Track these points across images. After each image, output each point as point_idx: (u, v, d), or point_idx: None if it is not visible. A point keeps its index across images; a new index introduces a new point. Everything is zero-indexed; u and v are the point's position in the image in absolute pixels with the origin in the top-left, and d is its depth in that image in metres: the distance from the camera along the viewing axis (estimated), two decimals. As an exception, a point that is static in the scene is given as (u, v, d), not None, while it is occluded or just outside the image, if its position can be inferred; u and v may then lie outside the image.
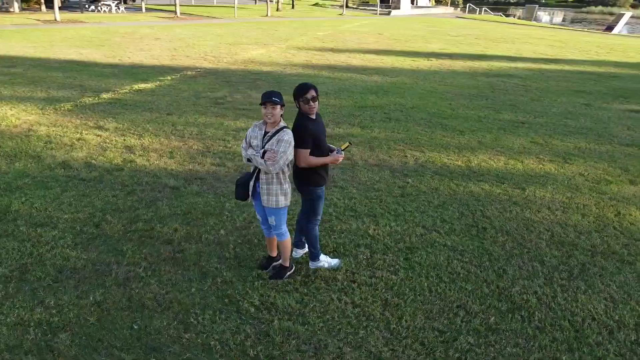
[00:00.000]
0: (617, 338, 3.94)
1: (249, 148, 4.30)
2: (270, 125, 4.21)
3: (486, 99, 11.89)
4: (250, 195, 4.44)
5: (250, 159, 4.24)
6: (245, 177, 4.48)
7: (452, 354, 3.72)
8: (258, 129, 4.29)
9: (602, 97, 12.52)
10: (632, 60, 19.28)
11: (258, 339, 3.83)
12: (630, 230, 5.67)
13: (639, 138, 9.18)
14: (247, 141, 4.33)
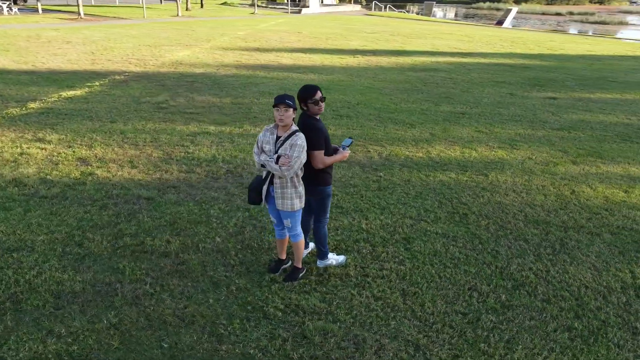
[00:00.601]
0: (611, 301, 4.42)
1: (262, 153, 4.26)
2: (282, 129, 4.20)
3: (421, 92, 12.48)
4: (264, 199, 4.40)
5: (264, 165, 4.20)
6: (257, 181, 4.43)
7: (481, 333, 3.96)
8: (269, 134, 4.26)
9: (522, 86, 13.63)
10: (534, 51, 21.12)
11: (296, 342, 3.82)
12: (588, 205, 6.31)
13: (565, 122, 10.15)
14: (258, 146, 4.28)
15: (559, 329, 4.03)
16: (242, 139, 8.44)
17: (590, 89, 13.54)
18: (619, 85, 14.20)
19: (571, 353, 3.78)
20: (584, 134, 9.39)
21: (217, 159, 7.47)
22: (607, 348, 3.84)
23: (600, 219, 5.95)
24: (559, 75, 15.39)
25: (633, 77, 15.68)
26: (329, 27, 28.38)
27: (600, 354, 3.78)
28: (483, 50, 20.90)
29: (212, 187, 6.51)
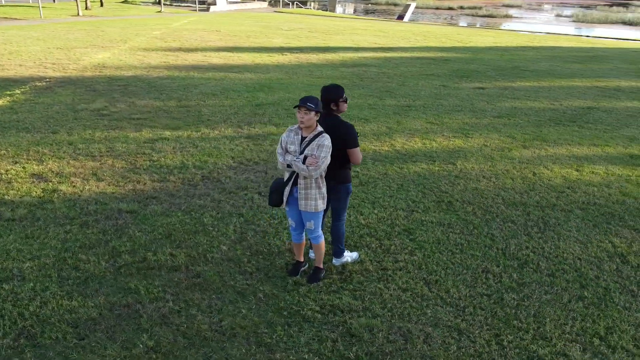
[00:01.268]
0: (605, 270, 4.91)
1: (286, 154, 4.22)
2: (307, 130, 4.19)
3: (362, 87, 12.80)
4: (285, 201, 4.37)
5: (290, 165, 4.17)
6: (279, 183, 4.38)
7: (509, 311, 4.24)
8: (294, 134, 4.23)
9: (450, 78, 14.43)
10: (448, 45, 22.37)
11: (346, 341, 3.85)
12: (551, 185, 6.90)
13: (501, 110, 10.93)
14: (282, 147, 4.24)
15: (572, 299, 4.42)
16: (205, 142, 8.17)
17: (510, 78, 14.66)
18: (532, 74, 15.51)
19: (591, 319, 4.16)
20: (521, 120, 10.18)
21: (187, 166, 7.18)
22: (618, 311, 4.28)
23: (566, 196, 6.54)
24: (478, 67, 16.48)
25: (540, 66, 17.18)
26: (245, 25, 27.97)
27: (614, 317, 4.20)
28: (401, 44, 21.76)
29: (194, 195, 6.27)
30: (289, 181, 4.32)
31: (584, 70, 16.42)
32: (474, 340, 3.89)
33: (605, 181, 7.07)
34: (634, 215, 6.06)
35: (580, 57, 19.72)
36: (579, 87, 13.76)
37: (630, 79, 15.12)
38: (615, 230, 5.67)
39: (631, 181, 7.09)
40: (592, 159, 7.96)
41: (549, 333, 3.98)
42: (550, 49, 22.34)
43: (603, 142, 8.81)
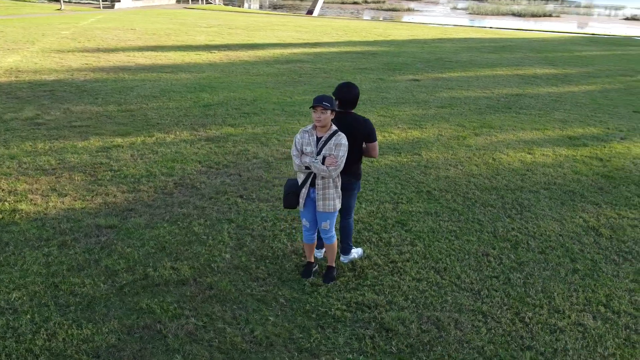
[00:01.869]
0: (585, 243, 5.36)
1: (302, 155, 4.17)
2: (322, 130, 4.17)
3: (304, 84, 12.81)
4: (302, 203, 4.32)
5: (309, 166, 4.12)
6: (294, 184, 4.32)
7: (520, 290, 4.50)
8: (309, 135, 4.20)
9: (384, 71, 14.85)
10: (370, 39, 22.95)
11: (383, 336, 3.89)
12: (513, 168, 7.38)
13: (442, 100, 11.46)
14: (298, 148, 4.19)
15: (569, 273, 4.79)
16: (164, 148, 7.79)
17: (439, 70, 15.38)
18: (456, 65, 16.38)
19: (590, 290, 4.54)
20: (462, 109, 10.75)
21: (154, 173, 6.81)
22: (610, 280, 4.70)
23: (529, 178, 7.03)
24: (406, 59, 17.10)
25: (461, 57, 18.18)
26: (160, 23, 26.78)
27: (609, 285, 4.62)
28: (325, 40, 22.00)
29: (173, 204, 5.98)
30: (305, 182, 4.27)
31: (500, 60, 17.62)
32: (498, 320, 4.10)
33: (557, 162, 7.69)
34: (591, 191, 6.66)
35: (492, 47, 21.12)
36: (502, 75, 14.75)
37: (543, 67, 16.47)
38: (581, 207, 6.20)
39: (578, 160, 7.77)
40: (538, 142, 8.61)
41: (560, 306, 4.29)
42: (464, 40, 23.69)
43: (542, 127, 9.55)
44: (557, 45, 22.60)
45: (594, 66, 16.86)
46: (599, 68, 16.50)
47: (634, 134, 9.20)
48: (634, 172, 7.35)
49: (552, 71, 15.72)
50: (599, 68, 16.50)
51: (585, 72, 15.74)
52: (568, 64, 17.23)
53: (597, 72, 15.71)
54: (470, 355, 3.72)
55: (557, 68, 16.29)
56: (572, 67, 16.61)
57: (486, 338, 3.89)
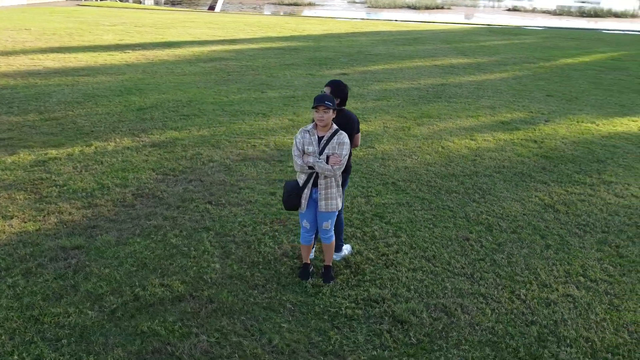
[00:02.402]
0: (547, 219, 5.79)
1: (304, 155, 4.12)
2: (323, 129, 4.15)
3: (235, 82, 12.52)
4: (304, 204, 4.26)
5: (312, 166, 4.08)
6: (295, 186, 4.26)
7: (507, 269, 4.78)
8: (309, 135, 4.15)
9: (310, 67, 14.90)
10: (286, 34, 22.88)
11: (399, 328, 3.95)
12: (462, 155, 7.77)
13: (376, 93, 11.75)
14: (299, 148, 4.13)
15: (543, 249, 5.16)
16: (108, 157, 7.26)
17: (363, 63, 15.73)
18: (378, 58, 16.85)
19: (566, 262, 4.93)
20: (397, 100, 11.11)
21: (107, 185, 6.33)
22: (579, 251, 5.14)
23: (479, 163, 7.45)
24: (328, 54, 17.28)
25: (379, 50, 18.71)
26: (56, 22, 24.71)
27: (580, 256, 5.04)
28: (241, 36, 21.59)
29: (139, 216, 5.61)
30: (307, 183, 4.21)
31: (417, 52, 18.38)
32: (498, 300, 4.32)
33: (499, 146, 8.22)
34: (537, 171, 7.21)
35: (405, 39, 21.97)
36: (423, 66, 15.42)
37: (456, 57, 17.43)
38: (533, 186, 6.69)
39: (517, 144, 8.36)
40: (476, 129, 9.14)
41: (546, 280, 4.62)
42: (376, 33, 24.40)
43: (474, 114, 10.14)
44: (462, 36, 24.02)
45: (500, 55, 18.15)
46: (505, 57, 17.80)
47: (555, 116, 10.06)
48: (566, 151, 8.06)
49: (466, 61, 16.70)
50: (505, 57, 17.80)
51: (494, 60, 16.90)
52: (477, 53, 18.39)
53: (505, 60, 16.93)
54: (484, 337, 3.89)
55: (469, 58, 17.34)
56: (481, 56, 17.75)
57: (493, 318, 4.10)
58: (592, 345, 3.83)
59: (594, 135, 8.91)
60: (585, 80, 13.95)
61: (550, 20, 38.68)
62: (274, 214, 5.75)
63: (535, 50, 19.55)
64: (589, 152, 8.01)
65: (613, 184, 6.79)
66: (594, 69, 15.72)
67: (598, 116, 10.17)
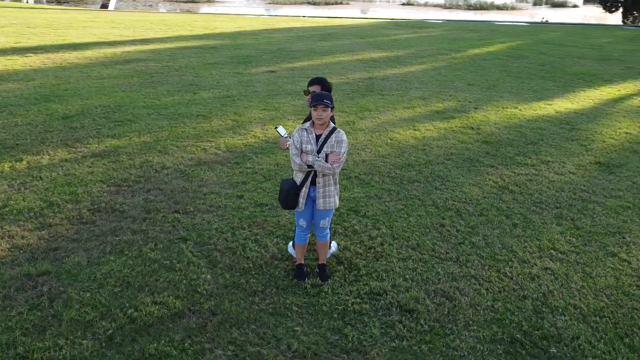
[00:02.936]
0: (507, 201, 6.20)
1: (302, 154, 4.09)
2: (321, 128, 4.14)
3: (162, 83, 11.94)
4: (302, 203, 4.23)
5: (311, 165, 4.05)
6: (293, 185, 4.21)
7: (487, 250, 5.06)
8: (307, 133, 4.12)
9: (236, 65, 14.59)
10: (199, 32, 22.14)
11: (409, 318, 4.05)
12: (412, 145, 8.06)
13: (309, 89, 11.78)
14: (297, 147, 4.08)
15: (512, 228, 5.53)
16: (47, 172, 6.64)
17: (287, 60, 15.69)
18: (300, 54, 16.89)
19: (535, 238, 5.32)
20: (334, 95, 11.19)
21: (55, 203, 5.81)
22: (542, 227, 5.56)
23: (430, 152, 7.77)
24: (249, 52, 17.03)
25: (299, 46, 18.76)
26: None
27: (544, 231, 5.46)
28: (151, 35, 20.59)
29: (104, 233, 5.22)
30: (305, 181, 4.17)
31: (335, 47, 18.68)
32: (489, 280, 4.57)
33: (441, 135, 8.63)
34: (482, 156, 7.67)
35: (319, 35, 22.22)
36: (346, 61, 15.71)
37: (374, 51, 17.95)
38: (484, 170, 7.12)
39: (457, 131, 8.83)
40: (416, 119, 9.52)
41: (524, 257, 4.96)
42: (289, 30, 24.44)
43: (409, 105, 10.54)
44: (373, 30, 24.79)
45: (414, 48, 18.98)
46: (419, 49, 18.65)
47: (482, 104, 10.75)
48: (502, 135, 8.66)
49: (384, 54, 17.27)
50: (419, 49, 18.65)
51: (410, 53, 17.65)
52: (392, 47, 19.08)
53: (420, 53, 17.75)
54: (488, 315, 4.11)
55: (387, 51, 17.95)
56: (397, 49, 18.45)
57: (490, 297, 4.33)
58: (580, 311, 4.19)
59: (520, 120, 9.65)
60: (496, 69, 15.04)
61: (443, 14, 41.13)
62: (248, 217, 5.61)
63: (443, 42, 20.69)
64: (521, 136, 8.67)
65: (551, 163, 7.42)
66: (500, 58, 16.98)
67: (518, 102, 11.03)
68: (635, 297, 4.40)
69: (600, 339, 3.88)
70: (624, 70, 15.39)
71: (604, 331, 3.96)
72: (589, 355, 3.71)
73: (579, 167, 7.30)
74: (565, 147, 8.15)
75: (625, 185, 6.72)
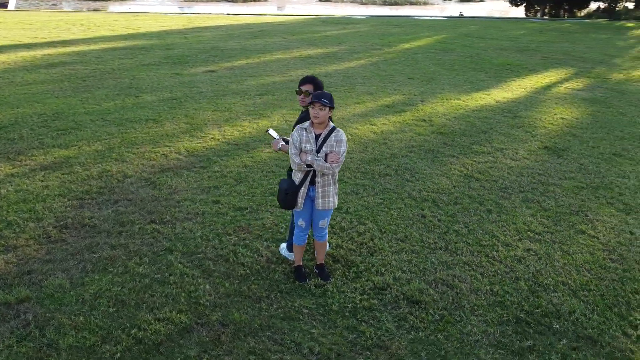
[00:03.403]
0: (474, 187, 6.48)
1: (301, 153, 4.05)
2: (320, 127, 4.11)
3: (98, 88, 11.25)
4: (302, 203, 4.19)
5: (310, 165, 4.03)
6: (291, 184, 4.18)
7: (471, 236, 5.27)
8: (306, 132, 4.07)
9: (172, 65, 14.04)
10: (123, 32, 21.01)
11: (417, 308, 4.14)
12: (374, 140, 8.19)
13: (256, 88, 11.61)
14: (296, 146, 4.03)
15: (487, 214, 5.79)
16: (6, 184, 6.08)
17: (225, 59, 15.34)
18: (236, 53, 16.56)
19: (511, 222, 5.61)
20: (282, 94, 11.15)
21: (14, 222, 5.34)
22: (514, 211, 5.88)
23: (392, 145, 7.94)
24: (183, 51, 16.45)
25: (231, 44, 18.37)
26: None
27: (517, 215, 5.77)
28: (70, 37, 19.27)
29: (78, 251, 4.88)
30: (304, 181, 4.13)
31: (269, 45, 18.52)
32: (481, 265, 4.78)
33: (398, 128, 8.85)
34: (442, 146, 7.96)
35: (250, 33, 21.92)
36: (284, 59, 15.63)
37: (309, 48, 18.00)
38: (447, 160, 7.39)
39: (411, 124, 9.08)
40: (369, 114, 9.68)
41: (506, 240, 5.23)
42: (217, 28, 23.89)
43: (359, 100, 10.69)
44: (301, 27, 24.83)
45: (347, 44, 19.25)
46: (351, 45, 18.94)
47: (426, 96, 11.13)
48: (454, 126, 9.03)
49: (320, 51, 17.37)
50: (351, 45, 18.94)
51: (345, 49, 17.88)
52: (325, 43, 19.23)
53: (354, 49, 18.03)
54: (490, 299, 4.29)
55: (322, 48, 18.06)
56: (331, 46, 18.62)
57: (487, 282, 4.53)
58: (569, 287, 4.48)
59: (466, 110, 10.12)
60: (430, 62, 15.63)
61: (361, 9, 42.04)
62: (231, 222, 5.45)
63: (373, 38, 21.17)
64: (471, 125, 9.10)
65: (504, 150, 7.85)
66: (431, 52, 17.66)
67: (459, 93, 11.54)
68: (612, 269, 4.78)
69: (593, 311, 4.18)
70: (543, 60, 16.57)
71: (594, 304, 4.27)
72: (588, 327, 3.99)
73: (530, 153, 7.78)
74: (513, 134, 8.66)
75: (574, 167, 7.26)
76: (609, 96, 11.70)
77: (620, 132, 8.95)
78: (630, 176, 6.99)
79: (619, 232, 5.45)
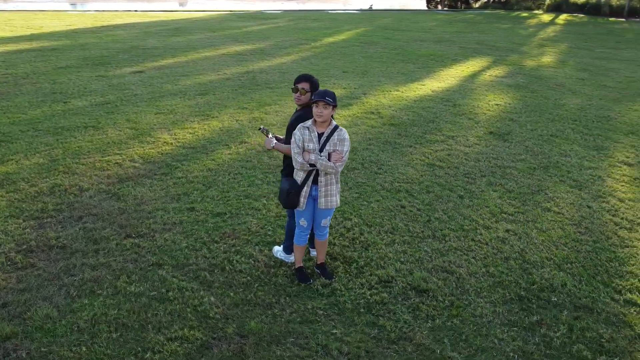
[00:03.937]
0: (440, 175, 6.72)
1: (304, 152, 4.00)
2: (322, 126, 4.07)
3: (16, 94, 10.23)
4: (304, 202, 4.15)
5: (314, 164, 3.99)
6: (294, 184, 4.14)
7: (453, 223, 5.47)
8: (309, 131, 4.03)
9: (94, 67, 13.10)
10: (24, 33, 19.15)
11: (426, 296, 4.26)
12: (331, 135, 8.20)
13: (194, 88, 11.17)
14: (299, 145, 3.98)
15: (460, 199, 6.05)
16: None
17: (151, 59, 14.56)
18: (159, 52, 15.76)
19: (484, 205, 5.90)
20: (223, 92, 10.83)
21: None
22: (484, 195, 6.19)
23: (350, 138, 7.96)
24: (101, 52, 15.37)
25: (150, 43, 17.46)
26: None
27: (487, 199, 6.08)
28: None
29: (55, 275, 4.47)
30: (307, 180, 4.08)
31: (192, 42, 17.86)
32: (471, 249, 4.99)
33: (351, 123, 8.94)
34: (397, 138, 8.16)
35: (167, 30, 21.01)
36: (213, 56, 15.17)
37: (235, 44, 17.59)
38: (407, 151, 7.60)
39: (362, 117, 9.22)
40: (318, 109, 9.67)
41: (486, 223, 5.50)
42: (131, 26, 22.63)
43: (303, 96, 10.64)
44: (219, 23, 24.21)
45: (272, 39, 19.06)
46: (277, 40, 18.80)
47: (367, 89, 11.34)
48: (402, 117, 9.29)
49: (247, 47, 17.06)
50: (277, 40, 18.80)
51: (272, 45, 17.71)
52: (250, 39, 18.92)
53: (281, 44, 17.91)
54: (490, 280, 4.50)
55: (247, 44, 17.75)
56: (257, 42, 18.35)
57: (481, 264, 4.74)
58: (554, 262, 4.82)
59: (408, 101, 10.45)
60: (359, 55, 15.93)
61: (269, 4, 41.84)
62: (214, 229, 5.24)
63: (296, 33, 21.16)
64: (418, 116, 9.42)
65: (456, 137, 8.22)
66: (356, 45, 17.99)
67: (395, 84, 11.89)
68: (584, 242, 5.20)
69: (580, 282, 4.53)
70: (461, 50, 17.50)
71: (579, 275, 4.63)
72: (581, 297, 4.32)
73: (480, 139, 8.22)
74: (459, 122, 9.09)
75: (521, 149, 7.78)
76: (529, 82, 12.63)
77: (550, 115, 9.71)
78: (571, 154, 7.62)
79: (579, 207, 5.94)
